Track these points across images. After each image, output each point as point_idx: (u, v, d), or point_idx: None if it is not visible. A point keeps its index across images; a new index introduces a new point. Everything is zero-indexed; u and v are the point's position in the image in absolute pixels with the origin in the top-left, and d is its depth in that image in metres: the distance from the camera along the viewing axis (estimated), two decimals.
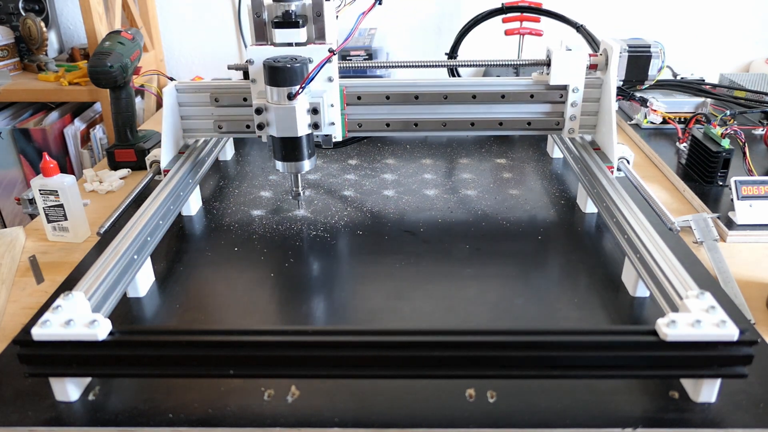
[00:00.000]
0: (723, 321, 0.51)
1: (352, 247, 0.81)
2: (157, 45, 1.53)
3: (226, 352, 0.52)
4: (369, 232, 0.84)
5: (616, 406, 0.54)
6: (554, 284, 0.72)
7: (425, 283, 0.73)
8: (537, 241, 0.81)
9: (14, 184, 1.37)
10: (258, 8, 0.78)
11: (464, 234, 0.83)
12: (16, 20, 1.42)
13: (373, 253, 0.79)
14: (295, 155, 0.79)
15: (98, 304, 0.58)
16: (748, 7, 1.48)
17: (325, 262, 0.78)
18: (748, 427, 0.52)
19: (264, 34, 0.79)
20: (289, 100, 0.74)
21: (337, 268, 0.76)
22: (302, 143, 0.78)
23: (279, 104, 0.74)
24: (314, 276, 0.75)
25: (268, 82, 0.74)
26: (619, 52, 0.85)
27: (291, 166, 0.80)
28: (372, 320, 0.67)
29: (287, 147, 0.78)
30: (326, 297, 0.70)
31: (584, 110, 0.90)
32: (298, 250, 0.80)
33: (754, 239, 0.82)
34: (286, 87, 0.73)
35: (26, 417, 0.53)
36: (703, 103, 1.23)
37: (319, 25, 0.78)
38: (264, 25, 0.79)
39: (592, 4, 1.49)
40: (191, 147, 0.94)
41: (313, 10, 0.78)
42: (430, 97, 0.91)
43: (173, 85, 0.89)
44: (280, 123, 0.75)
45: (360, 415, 0.53)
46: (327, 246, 0.81)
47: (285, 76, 0.73)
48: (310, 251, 0.80)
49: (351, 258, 0.78)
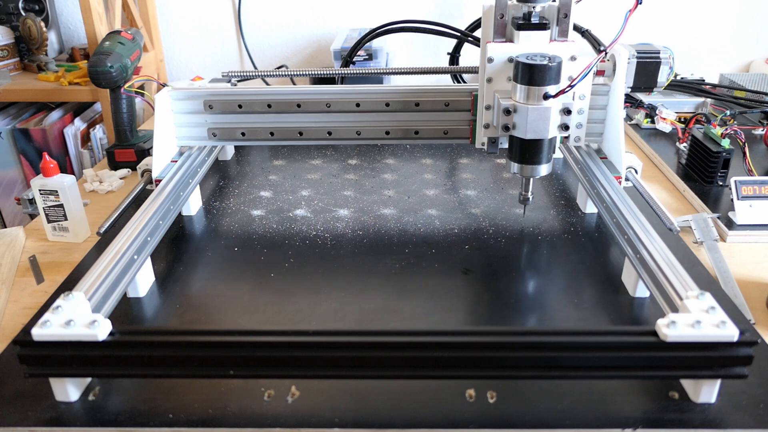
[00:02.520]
0: (723, 322, 0.51)
1: (352, 247, 0.81)
2: (157, 45, 1.53)
3: (226, 353, 0.52)
4: (369, 232, 0.84)
5: (616, 407, 0.54)
6: (554, 284, 0.72)
7: (425, 283, 0.73)
8: (537, 242, 0.81)
9: (14, 184, 1.37)
10: (502, 9, 0.75)
11: (464, 234, 0.83)
12: (16, 20, 1.42)
13: (373, 253, 0.79)
14: (536, 158, 0.75)
15: (98, 304, 0.58)
16: (748, 7, 1.48)
17: (325, 262, 0.77)
18: (748, 427, 0.52)
19: (504, 33, 0.77)
20: (545, 100, 0.70)
21: (337, 268, 0.76)
22: (546, 146, 0.74)
23: (533, 104, 0.70)
24: (314, 276, 0.75)
25: (522, 80, 0.70)
26: (628, 58, 0.82)
27: (528, 170, 0.76)
28: (372, 320, 0.67)
29: (531, 149, 0.74)
30: (326, 297, 0.70)
31: (590, 118, 0.87)
32: (298, 250, 0.80)
33: (754, 239, 0.82)
34: (543, 86, 0.69)
35: (26, 417, 0.53)
36: (703, 103, 1.23)
37: (563, 27, 0.76)
38: (505, 25, 0.76)
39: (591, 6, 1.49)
40: (185, 155, 0.91)
41: (560, 12, 0.75)
42: (432, 104, 0.88)
43: (166, 92, 0.87)
44: (532, 124, 0.71)
45: (360, 416, 0.53)
46: (327, 246, 0.81)
47: (543, 75, 0.69)
48: (310, 251, 0.80)
49: (351, 258, 0.78)
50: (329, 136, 0.91)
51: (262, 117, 0.91)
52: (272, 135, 0.92)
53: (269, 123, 0.92)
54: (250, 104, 0.90)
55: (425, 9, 1.53)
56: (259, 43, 1.57)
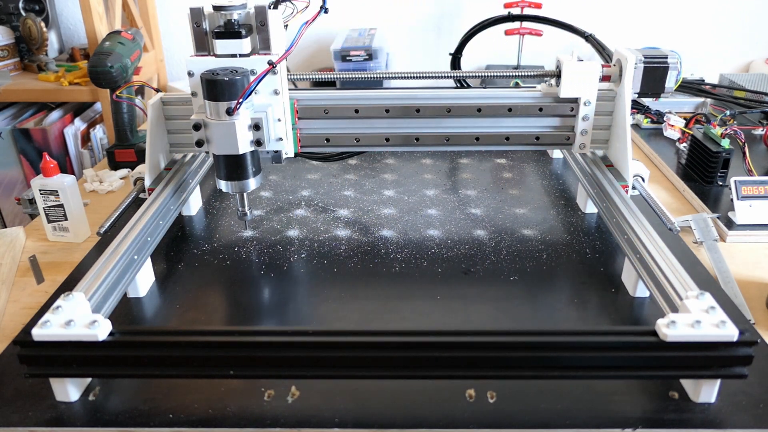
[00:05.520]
0: (723, 321, 0.51)
1: (351, 247, 0.81)
2: (157, 45, 1.53)
3: (226, 353, 0.52)
4: (369, 232, 0.84)
5: (616, 407, 0.54)
6: (554, 284, 0.72)
7: (425, 284, 0.73)
8: (537, 241, 0.81)
9: (14, 184, 1.37)
10: (198, 17, 0.72)
11: (464, 234, 0.83)
12: (16, 20, 1.42)
13: (372, 254, 0.79)
14: (238, 174, 0.73)
15: (98, 304, 0.58)
16: (748, 7, 1.48)
17: (325, 262, 0.78)
18: (748, 427, 0.52)
19: (205, 44, 0.74)
20: (229, 116, 0.68)
21: (337, 269, 0.76)
22: (246, 161, 0.73)
23: (218, 120, 0.69)
24: (314, 276, 0.75)
25: (207, 96, 0.68)
26: (634, 63, 0.79)
27: (235, 186, 0.75)
28: (372, 321, 0.67)
29: (229, 165, 0.73)
30: (326, 297, 0.70)
31: (596, 124, 0.83)
32: (298, 250, 0.80)
33: (754, 239, 0.83)
34: (225, 102, 0.68)
35: (26, 417, 0.53)
36: (703, 103, 1.24)
37: (263, 35, 0.73)
38: (205, 35, 0.73)
39: (591, 7, 1.49)
40: (179, 162, 0.87)
41: (256, 19, 0.72)
42: (432, 110, 0.83)
43: (158, 98, 0.83)
44: (219, 140, 0.70)
45: (360, 416, 0.54)
46: (327, 246, 0.81)
47: (223, 89, 0.67)
48: (310, 251, 0.80)
49: (351, 258, 0.78)
50: (327, 142, 0.86)
51: None
52: None
53: None
54: None
55: (425, 9, 1.53)
56: None
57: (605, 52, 0.93)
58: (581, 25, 1.02)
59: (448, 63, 1.22)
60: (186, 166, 0.87)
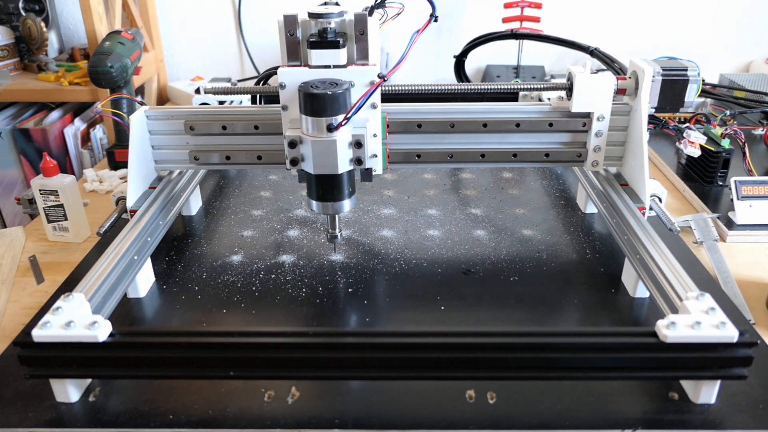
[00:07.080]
0: (723, 322, 0.51)
1: (351, 247, 0.81)
2: (157, 45, 1.53)
3: (226, 354, 0.52)
4: (369, 232, 0.84)
5: (616, 408, 0.54)
6: (554, 285, 0.72)
7: (425, 284, 0.73)
8: (537, 242, 0.81)
9: (14, 184, 1.37)
10: (291, 26, 0.66)
11: (463, 234, 0.83)
12: (16, 20, 1.42)
13: (372, 254, 0.79)
14: (333, 195, 0.68)
15: (98, 305, 0.58)
16: (748, 7, 1.48)
17: (325, 261, 0.78)
18: (748, 428, 0.52)
19: (297, 54, 0.68)
20: (329, 132, 0.63)
21: (337, 269, 0.76)
22: (343, 181, 0.67)
23: (317, 137, 0.63)
24: (314, 276, 0.75)
25: (305, 111, 0.63)
26: (652, 76, 0.74)
27: (328, 207, 0.69)
28: (372, 321, 0.67)
29: (325, 185, 0.67)
30: (326, 297, 0.70)
31: (610, 140, 0.78)
32: (298, 251, 0.80)
33: (754, 239, 0.83)
34: (326, 117, 0.62)
35: (27, 418, 0.53)
36: (703, 103, 1.23)
37: (361, 45, 0.67)
38: (298, 44, 0.67)
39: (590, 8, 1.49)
40: (165, 180, 0.82)
41: (355, 28, 0.66)
42: (434, 125, 0.78)
43: (142, 111, 0.78)
44: (318, 158, 0.64)
45: (360, 417, 0.54)
46: (326, 246, 0.81)
47: (325, 104, 0.61)
48: (310, 251, 0.80)
49: (351, 258, 0.78)
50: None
51: (248, 139, 0.79)
52: (260, 159, 0.79)
53: (255, 146, 0.80)
54: (234, 125, 0.78)
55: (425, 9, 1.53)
56: (259, 43, 1.57)
57: (614, 65, 0.87)
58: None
59: (450, 64, 1.22)
60: (171, 185, 0.82)
